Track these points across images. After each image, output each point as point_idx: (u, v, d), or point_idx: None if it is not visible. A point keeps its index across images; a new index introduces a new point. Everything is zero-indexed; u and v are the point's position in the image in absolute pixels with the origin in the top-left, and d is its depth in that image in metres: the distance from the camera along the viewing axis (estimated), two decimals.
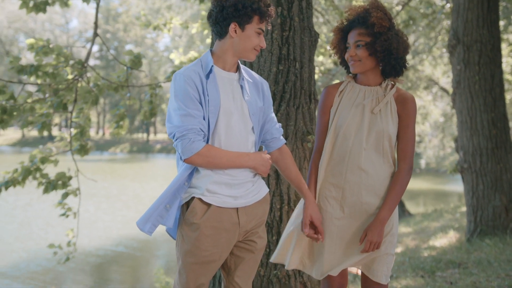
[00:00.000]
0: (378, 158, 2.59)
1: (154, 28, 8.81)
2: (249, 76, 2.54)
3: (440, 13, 11.34)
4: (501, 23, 11.77)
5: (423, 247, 7.95)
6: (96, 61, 52.27)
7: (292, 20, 3.33)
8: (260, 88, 2.56)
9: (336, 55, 2.75)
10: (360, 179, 2.58)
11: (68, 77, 5.44)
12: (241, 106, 2.43)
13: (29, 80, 5.46)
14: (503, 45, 13.36)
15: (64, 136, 6.47)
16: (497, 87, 7.13)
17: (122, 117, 6.07)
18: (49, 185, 6.24)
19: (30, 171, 6.01)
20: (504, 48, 13.60)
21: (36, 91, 5.29)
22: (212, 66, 2.38)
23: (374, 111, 2.59)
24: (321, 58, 10.98)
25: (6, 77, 38.94)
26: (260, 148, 2.85)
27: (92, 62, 51.56)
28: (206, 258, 2.33)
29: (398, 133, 2.62)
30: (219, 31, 2.39)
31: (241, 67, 2.51)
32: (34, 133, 43.58)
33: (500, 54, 7.26)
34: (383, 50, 2.52)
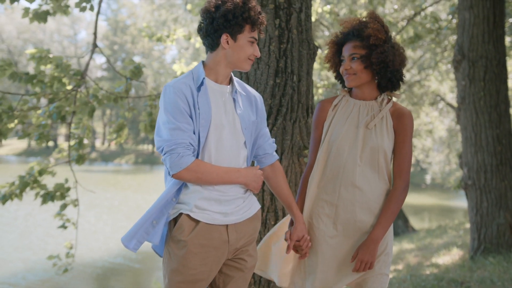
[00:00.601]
0: (373, 175, 2.51)
1: (158, 40, 8.81)
2: (243, 89, 2.47)
3: (446, 29, 11.28)
4: (508, 39, 11.69)
5: (426, 265, 7.82)
6: (104, 73, 52.49)
7: (290, 33, 3.27)
8: (254, 102, 2.49)
9: (331, 69, 2.67)
10: (354, 196, 2.49)
11: (67, 88, 5.40)
12: (233, 120, 2.35)
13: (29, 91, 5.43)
14: (511, 62, 13.28)
15: (62, 149, 6.43)
16: (503, 104, 7.04)
17: (121, 127, 6.02)
18: (47, 196, 6.19)
19: (28, 183, 5.96)
20: (511, 65, 13.51)
21: (31, 95, 5.23)
22: (204, 79, 2.31)
23: (369, 126, 2.51)
24: (326, 72, 10.94)
25: (14, 89, 39.20)
26: (252, 163, 2.77)
27: (100, 74, 51.86)
28: (194, 277, 2.24)
29: (394, 149, 2.54)
30: (211, 43, 2.33)
31: (234, 80, 2.44)
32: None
33: (506, 70, 7.18)
34: (379, 63, 2.45)
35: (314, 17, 9.24)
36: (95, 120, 53.19)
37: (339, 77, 2.67)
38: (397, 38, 11.04)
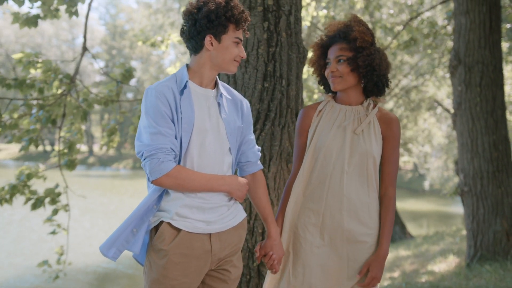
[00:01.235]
0: (361, 182, 2.43)
1: (152, 45, 8.73)
2: (228, 93, 2.39)
3: (442, 35, 11.22)
4: (506, 45, 11.64)
5: (422, 272, 7.73)
6: (102, 77, 52.37)
7: (279, 36, 3.19)
8: (239, 106, 2.41)
9: (315, 73, 2.59)
10: (341, 205, 2.41)
11: (57, 92, 5.32)
12: (218, 125, 2.27)
13: (19, 95, 5.35)
14: (509, 67, 13.22)
15: (54, 154, 6.36)
16: (499, 109, 6.97)
17: (113, 132, 5.95)
18: (38, 201, 6.12)
19: (18, 188, 5.89)
20: (510, 70, 13.46)
21: (22, 105, 5.16)
22: (187, 82, 2.23)
23: (357, 132, 2.43)
24: None
25: (11, 94, 39.15)
26: (236, 172, 2.69)
27: (98, 78, 51.75)
28: None
29: (384, 156, 2.46)
30: (194, 46, 2.25)
31: (220, 84, 2.36)
32: (39, 148, 43.54)
33: (502, 76, 7.12)
34: (366, 66, 2.38)
35: (309, 21, 9.17)
36: (93, 125, 53.10)
37: (323, 82, 2.59)
38: (394, 43, 10.98)
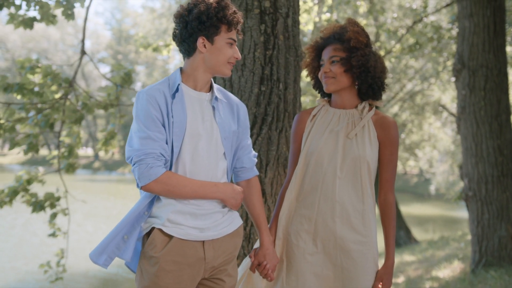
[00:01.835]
0: (355, 188, 2.36)
1: (154, 50, 8.71)
2: (224, 97, 2.33)
3: (446, 38, 11.15)
4: (510, 49, 11.55)
5: (426, 278, 7.63)
6: (108, 82, 52.48)
7: (277, 38, 3.13)
8: (235, 110, 2.34)
9: (309, 75, 2.54)
10: (334, 211, 2.34)
11: (56, 96, 5.29)
12: (212, 129, 2.21)
13: (17, 99, 5.33)
14: None
15: (53, 157, 6.34)
16: (504, 113, 6.90)
17: (112, 135, 5.92)
18: (37, 205, 6.11)
19: (17, 192, 5.88)
20: None
21: (19, 109, 5.14)
22: (179, 85, 2.18)
23: (349, 136, 2.36)
24: None
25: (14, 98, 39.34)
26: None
27: (104, 83, 51.88)
28: None
29: (383, 162, 2.39)
30: (187, 49, 2.20)
31: (215, 87, 2.30)
32: (44, 152, 43.65)
33: (507, 80, 7.05)
34: (359, 66, 2.32)
35: (313, 26, 9.12)
36: (99, 130, 53.20)
37: (318, 85, 2.54)
38: (397, 47, 10.91)
